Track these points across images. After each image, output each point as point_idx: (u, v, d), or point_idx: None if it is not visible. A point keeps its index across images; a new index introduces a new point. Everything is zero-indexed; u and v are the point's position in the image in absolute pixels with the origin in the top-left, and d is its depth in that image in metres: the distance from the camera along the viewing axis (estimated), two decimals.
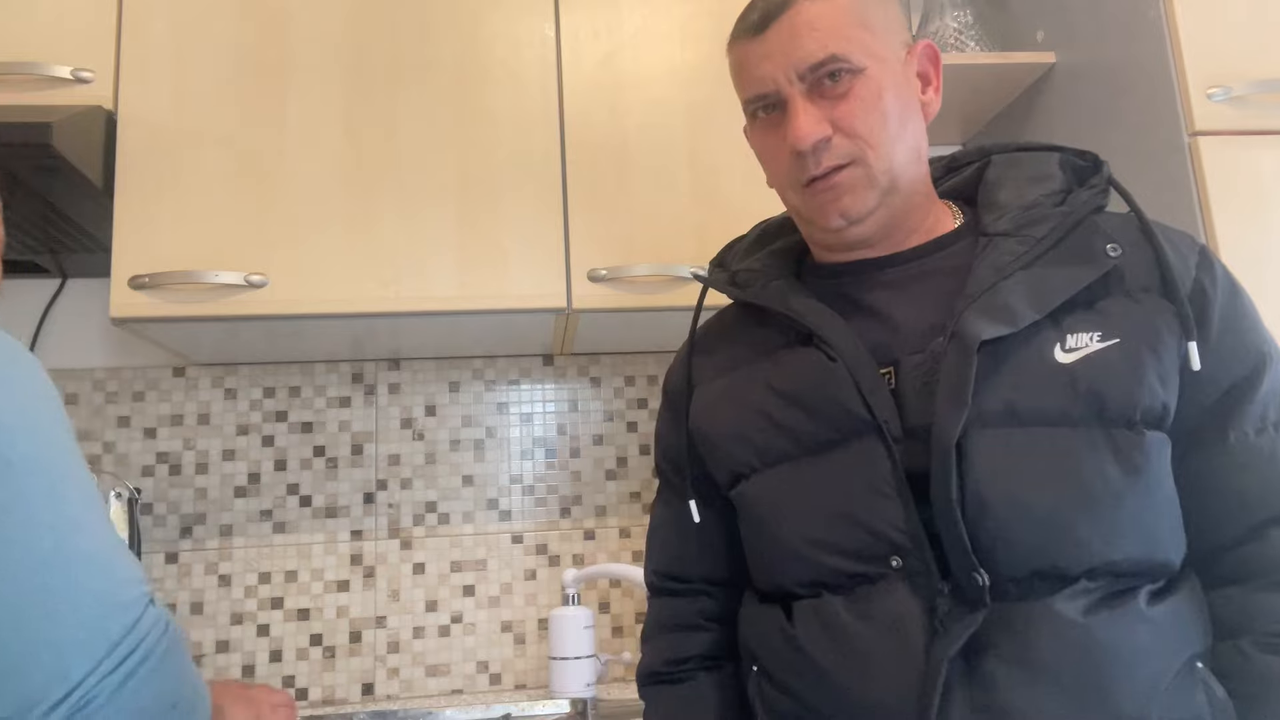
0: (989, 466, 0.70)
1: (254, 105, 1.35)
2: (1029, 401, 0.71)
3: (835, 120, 0.78)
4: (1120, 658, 0.67)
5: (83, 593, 0.65)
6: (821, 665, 0.75)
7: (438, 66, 1.40)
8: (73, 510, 0.67)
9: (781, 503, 0.81)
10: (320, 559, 1.60)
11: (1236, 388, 0.75)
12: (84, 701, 0.63)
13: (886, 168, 0.79)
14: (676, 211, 1.40)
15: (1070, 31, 1.54)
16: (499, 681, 1.61)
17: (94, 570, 0.66)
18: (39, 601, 0.64)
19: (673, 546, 0.96)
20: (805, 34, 0.78)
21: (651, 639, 0.96)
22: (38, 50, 1.32)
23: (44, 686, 0.63)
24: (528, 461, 1.68)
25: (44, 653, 0.63)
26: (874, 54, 0.79)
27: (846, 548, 0.75)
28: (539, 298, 1.35)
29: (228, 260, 1.29)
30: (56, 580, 0.65)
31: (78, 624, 0.64)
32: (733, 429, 0.85)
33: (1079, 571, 0.69)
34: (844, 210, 0.80)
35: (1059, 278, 0.74)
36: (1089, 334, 0.73)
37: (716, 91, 1.44)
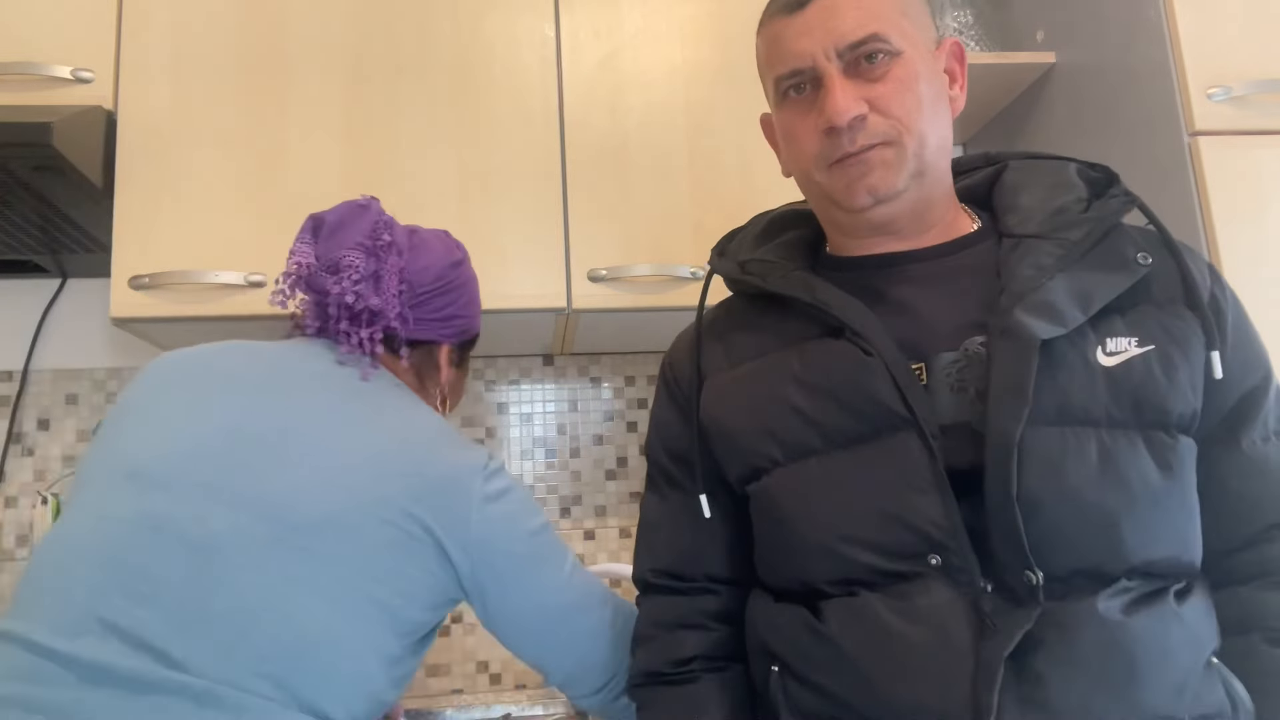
0: (1044, 464, 0.71)
1: (254, 105, 1.35)
2: (1078, 402, 0.73)
3: (872, 100, 0.78)
4: (1155, 655, 0.69)
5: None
6: (860, 664, 0.74)
7: (438, 66, 1.40)
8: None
9: (809, 498, 0.79)
10: None
11: (1248, 397, 0.79)
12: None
13: (919, 150, 0.79)
14: (676, 211, 1.40)
15: (1070, 31, 1.54)
16: (499, 681, 1.60)
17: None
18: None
19: (675, 543, 0.92)
20: (846, 11, 0.78)
21: (648, 639, 0.91)
22: (38, 50, 1.32)
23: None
24: (528, 461, 1.68)
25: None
26: (912, 40, 0.80)
27: (884, 544, 0.74)
28: (539, 298, 1.35)
29: (228, 260, 1.29)
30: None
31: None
32: (753, 421, 0.82)
33: (1120, 571, 0.70)
34: (872, 187, 0.79)
35: (1097, 282, 0.76)
36: (1127, 339, 0.75)
37: (716, 91, 1.44)
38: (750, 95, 1.44)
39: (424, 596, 0.86)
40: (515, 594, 0.91)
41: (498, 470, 0.92)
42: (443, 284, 1.03)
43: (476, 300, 1.10)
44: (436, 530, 0.86)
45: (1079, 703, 0.68)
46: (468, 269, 1.08)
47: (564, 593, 0.95)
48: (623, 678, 0.97)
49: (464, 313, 1.06)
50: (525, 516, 0.94)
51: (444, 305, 1.03)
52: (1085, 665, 0.68)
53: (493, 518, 0.89)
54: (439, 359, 1.05)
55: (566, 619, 0.95)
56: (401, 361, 1.01)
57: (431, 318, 1.02)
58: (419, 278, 1.01)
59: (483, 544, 0.88)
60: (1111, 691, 0.68)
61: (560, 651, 0.96)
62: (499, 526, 0.90)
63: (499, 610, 0.92)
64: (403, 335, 1.00)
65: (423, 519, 0.85)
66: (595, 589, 0.99)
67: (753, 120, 1.45)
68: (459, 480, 0.88)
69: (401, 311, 0.99)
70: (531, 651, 0.96)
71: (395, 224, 1.02)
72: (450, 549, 0.86)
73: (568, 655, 0.96)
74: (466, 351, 1.11)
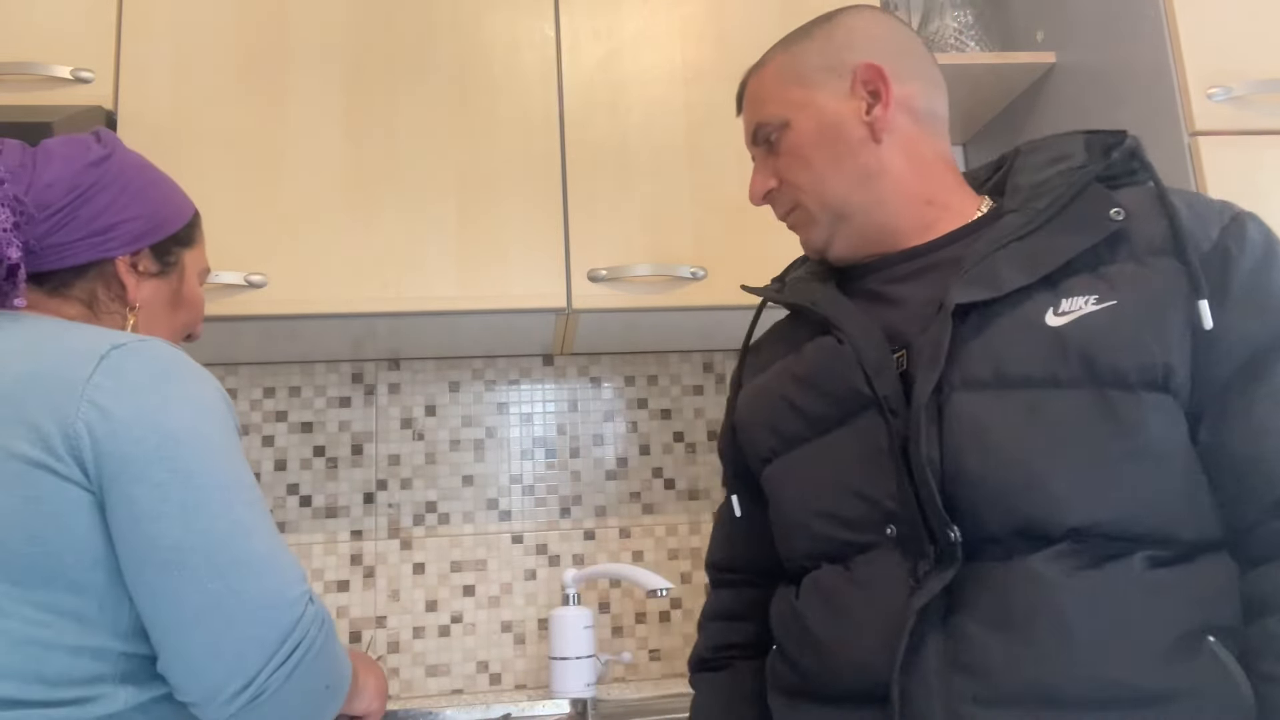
0: (966, 427, 0.73)
1: (254, 105, 1.35)
2: (1016, 365, 0.73)
3: (777, 172, 0.90)
4: (1103, 620, 0.67)
5: (257, 593, 0.74)
6: (815, 633, 0.80)
7: (438, 67, 1.40)
8: (245, 516, 0.76)
9: (796, 482, 0.86)
10: (320, 559, 1.60)
11: (1260, 356, 0.71)
12: (259, 691, 0.73)
13: (820, 204, 0.87)
14: (676, 211, 1.40)
15: (1070, 31, 1.54)
16: (499, 681, 1.61)
17: (265, 572, 0.75)
18: (220, 603, 0.73)
19: (721, 538, 1.02)
20: (748, 109, 0.92)
21: (703, 628, 1.01)
22: (38, 50, 1.32)
23: (226, 679, 0.72)
24: (528, 461, 1.68)
25: (226, 649, 0.73)
26: (798, 104, 0.87)
27: (846, 518, 0.79)
28: (539, 298, 1.35)
29: (228, 260, 1.29)
30: (234, 583, 0.74)
31: (253, 622, 0.73)
32: (761, 416, 0.90)
33: (1061, 531, 0.69)
34: (805, 244, 0.92)
35: (1055, 244, 0.76)
36: (1085, 297, 0.74)
37: (716, 91, 1.44)
38: None
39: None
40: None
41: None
42: (81, 191, 0.86)
43: (147, 192, 0.92)
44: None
45: (1004, 664, 0.68)
46: (118, 162, 0.90)
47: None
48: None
49: (129, 213, 0.89)
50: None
51: (95, 214, 0.86)
52: (1015, 625, 0.68)
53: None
54: (118, 275, 0.88)
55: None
56: (63, 296, 0.86)
57: (81, 235, 0.85)
58: (44, 196, 0.83)
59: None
60: (1040, 654, 0.67)
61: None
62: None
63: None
64: (46, 268, 0.84)
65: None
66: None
67: None
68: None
69: (28, 243, 0.82)
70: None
71: (4, 145, 0.86)
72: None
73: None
74: (168, 252, 0.93)
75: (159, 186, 0.94)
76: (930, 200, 0.86)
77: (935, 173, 0.87)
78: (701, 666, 0.99)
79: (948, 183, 0.88)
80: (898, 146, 0.86)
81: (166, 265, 0.93)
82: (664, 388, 1.73)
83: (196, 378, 0.80)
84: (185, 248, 0.96)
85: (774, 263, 1.41)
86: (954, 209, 0.87)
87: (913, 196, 0.87)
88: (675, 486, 1.70)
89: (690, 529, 1.69)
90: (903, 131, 0.86)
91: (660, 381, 1.73)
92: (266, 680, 0.73)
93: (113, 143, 0.92)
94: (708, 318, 1.48)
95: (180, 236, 0.95)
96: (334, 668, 0.80)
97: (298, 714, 0.77)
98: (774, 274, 1.04)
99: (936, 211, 0.86)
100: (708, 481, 1.71)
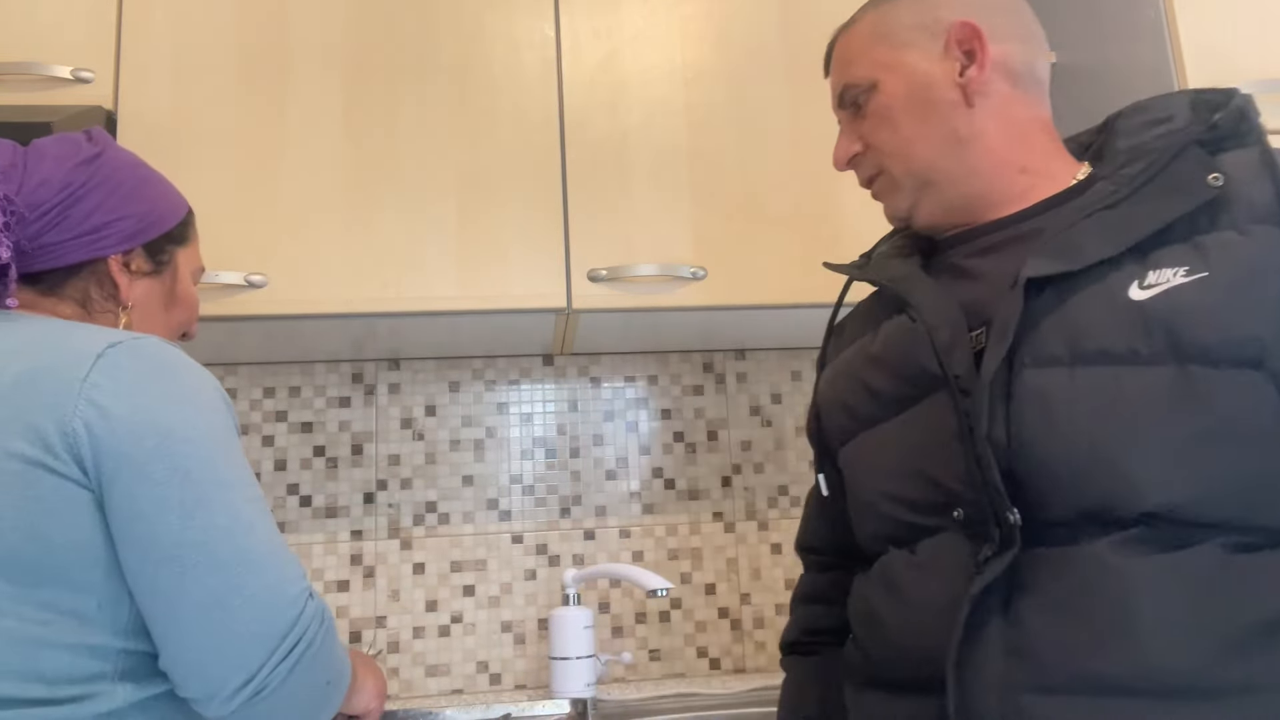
0: (1034, 405, 0.70)
1: (254, 105, 1.35)
2: (1092, 341, 0.69)
3: (863, 136, 0.87)
4: (1173, 608, 0.63)
5: (258, 589, 0.74)
6: (880, 618, 0.78)
7: (438, 66, 1.40)
8: (245, 512, 0.76)
9: (867, 463, 0.84)
10: (320, 559, 1.60)
11: None
12: (261, 686, 0.73)
13: (906, 170, 0.84)
14: (676, 211, 1.40)
15: (1070, 31, 1.54)
16: (499, 681, 1.61)
17: (266, 568, 0.75)
18: (221, 600, 0.73)
19: (810, 519, 1.01)
20: (835, 70, 0.90)
21: (793, 609, 1.01)
22: (38, 50, 1.32)
23: (227, 675, 0.73)
24: (528, 461, 1.68)
25: (227, 645, 0.73)
26: (887, 65, 0.84)
27: (914, 500, 0.77)
28: (539, 298, 1.35)
29: (228, 260, 1.29)
30: (235, 580, 0.74)
31: (254, 618, 0.74)
32: (838, 397, 0.89)
33: (1133, 516, 0.65)
34: (889, 212, 0.88)
35: (1144, 213, 0.71)
36: (1174, 269, 0.69)
37: (716, 91, 1.44)
38: (750, 95, 1.44)
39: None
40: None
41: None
42: (73, 191, 0.86)
43: (139, 190, 0.91)
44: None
45: (1063, 651, 0.65)
46: (110, 160, 0.89)
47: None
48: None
49: (121, 212, 0.89)
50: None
51: (87, 214, 0.86)
52: (1073, 612, 0.65)
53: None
54: (110, 274, 0.88)
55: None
56: (56, 296, 0.86)
57: (73, 235, 0.85)
58: (36, 196, 0.83)
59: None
60: (1102, 642, 0.64)
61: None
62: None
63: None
64: (39, 268, 0.84)
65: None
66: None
67: (753, 120, 1.45)
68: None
69: (19, 243, 0.82)
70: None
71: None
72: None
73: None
74: (161, 251, 0.93)
75: (151, 185, 0.93)
76: (1024, 168, 0.82)
77: (1031, 138, 0.83)
78: (792, 650, 0.99)
79: (1045, 149, 0.83)
80: (992, 111, 0.82)
81: (160, 264, 0.93)
82: (664, 388, 1.73)
83: (194, 375, 0.80)
84: (179, 246, 0.96)
85: (774, 263, 1.41)
86: (1050, 176, 0.82)
87: (1005, 164, 0.82)
88: (675, 486, 1.70)
89: (690, 529, 1.69)
90: (998, 95, 0.82)
91: (660, 381, 1.73)
92: (268, 676, 0.73)
93: (104, 141, 0.91)
94: (708, 318, 1.48)
95: (173, 235, 0.94)
96: (334, 664, 0.80)
97: (299, 709, 0.77)
98: (774, 274, 1.03)
99: (1030, 179, 0.82)
100: (708, 481, 1.71)
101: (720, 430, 1.73)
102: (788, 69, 1.46)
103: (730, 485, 1.72)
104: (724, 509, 1.71)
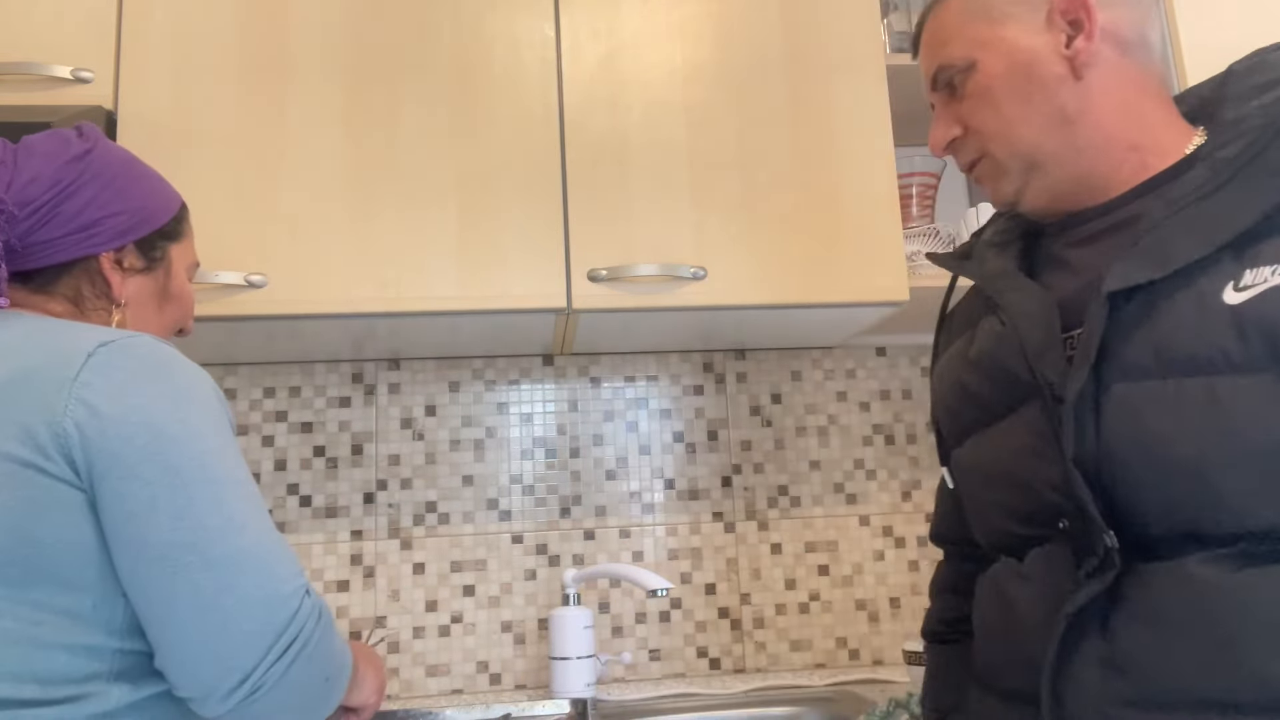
0: (1124, 421, 0.67)
1: (254, 105, 1.35)
2: (1182, 350, 0.65)
3: (962, 119, 0.82)
4: (1268, 619, 0.61)
5: (251, 589, 0.74)
6: (991, 626, 0.79)
7: (438, 66, 1.40)
8: (237, 511, 0.75)
9: (973, 470, 0.83)
10: (320, 559, 1.60)
11: None
12: (256, 685, 0.73)
13: (1011, 152, 0.80)
14: (676, 211, 1.40)
15: None
16: (499, 681, 1.60)
17: (259, 567, 0.75)
18: (213, 600, 0.73)
19: (941, 510, 1.01)
20: (927, 51, 0.85)
21: (933, 597, 1.02)
22: (38, 50, 1.32)
23: (222, 675, 0.72)
24: (528, 461, 1.68)
25: (221, 645, 0.72)
26: (985, 43, 0.79)
27: (1020, 511, 0.76)
28: (539, 298, 1.35)
29: (228, 260, 1.29)
30: (227, 579, 0.73)
31: (248, 617, 0.73)
32: (944, 399, 0.88)
33: (1233, 534, 0.63)
34: (994, 197, 0.84)
35: (1238, 205, 0.66)
36: (1273, 266, 0.63)
37: (716, 91, 1.44)
38: (750, 95, 1.44)
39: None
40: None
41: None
42: (63, 188, 0.85)
43: (131, 186, 0.90)
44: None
45: (1160, 666, 0.64)
46: (101, 156, 0.88)
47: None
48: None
49: (113, 208, 0.88)
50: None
51: (77, 211, 0.85)
52: (1170, 626, 0.64)
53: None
54: (102, 272, 0.87)
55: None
56: (48, 293, 0.86)
57: (64, 233, 0.84)
58: (26, 194, 0.82)
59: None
60: (1199, 656, 0.62)
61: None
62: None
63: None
64: (30, 266, 0.83)
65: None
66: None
67: (753, 120, 1.45)
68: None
69: (9, 241, 0.81)
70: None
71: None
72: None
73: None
74: (154, 247, 0.92)
75: (143, 180, 0.92)
76: (1135, 145, 0.77)
77: (1145, 111, 0.77)
78: (934, 638, 0.99)
79: (1157, 120, 0.77)
80: (1102, 83, 0.76)
81: (152, 261, 0.92)
82: (664, 388, 1.73)
83: (186, 373, 0.79)
84: (172, 242, 0.94)
85: (774, 263, 1.41)
86: (1161, 151, 0.76)
87: (1115, 141, 0.77)
88: (675, 486, 1.70)
89: (690, 529, 1.69)
90: (1108, 65, 0.76)
91: (660, 381, 1.73)
92: (264, 675, 0.73)
93: (95, 137, 0.90)
94: (708, 318, 1.48)
95: (166, 231, 0.93)
96: (333, 660, 0.80)
97: (296, 707, 0.77)
98: (774, 273, 1.01)
99: (1141, 157, 0.76)
100: (708, 481, 1.71)
101: (720, 430, 1.73)
102: (788, 69, 1.46)
103: (730, 485, 1.72)
104: (724, 509, 1.71)
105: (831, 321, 1.52)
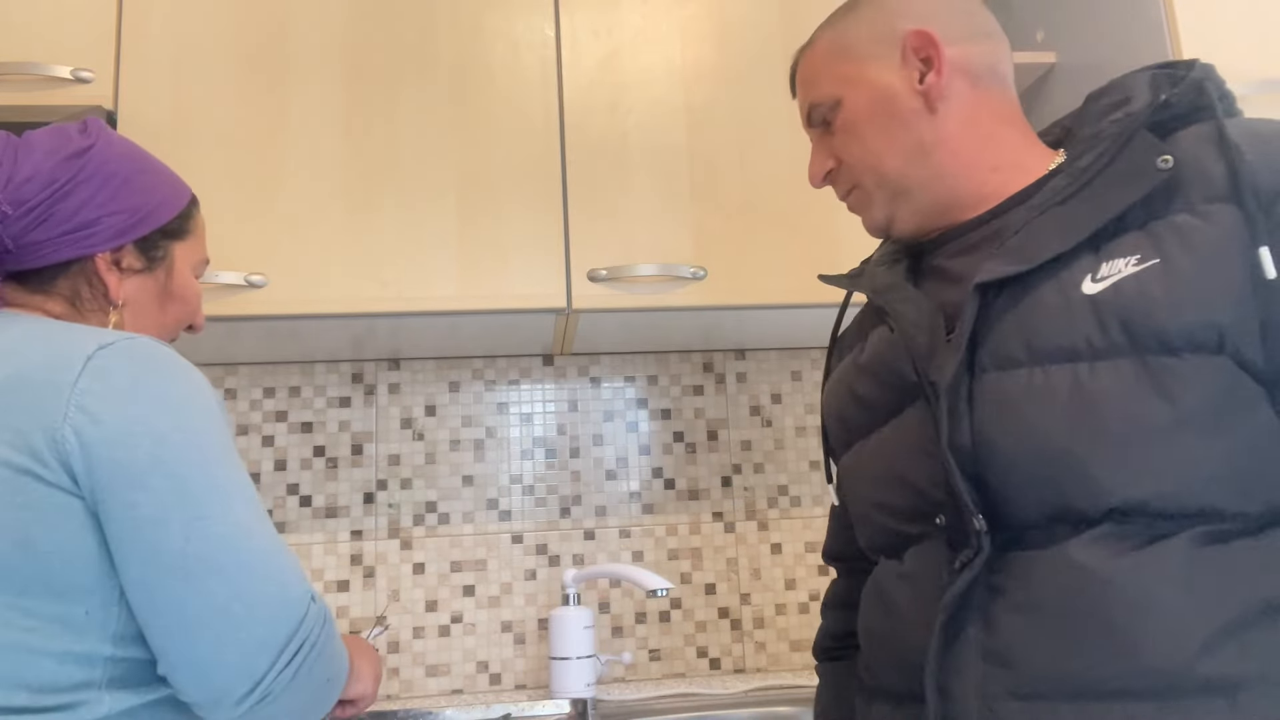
0: (995, 409, 0.70)
1: (254, 105, 1.35)
2: (1047, 340, 0.69)
3: (834, 152, 0.87)
4: (1145, 604, 0.62)
5: (259, 596, 0.74)
6: (874, 629, 0.81)
7: (438, 66, 1.40)
8: (244, 518, 0.75)
9: (859, 473, 0.85)
10: (320, 559, 1.60)
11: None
12: (266, 692, 0.73)
13: (878, 182, 0.84)
14: (676, 211, 1.40)
15: (1070, 31, 1.54)
16: (499, 681, 1.61)
17: (266, 573, 0.75)
18: (222, 607, 0.72)
19: (831, 527, 1.03)
20: (800, 89, 0.90)
21: (823, 614, 1.03)
22: (38, 50, 1.32)
23: (232, 682, 0.72)
24: (528, 461, 1.68)
25: (230, 653, 0.72)
26: (849, 81, 0.85)
27: (899, 508, 0.78)
28: (539, 298, 1.35)
29: (227, 260, 1.29)
30: (238, 587, 0.73)
31: (258, 624, 0.73)
32: (833, 408, 0.91)
33: (1100, 513, 0.65)
34: (867, 225, 0.88)
35: (1093, 205, 0.70)
36: (1126, 258, 0.68)
37: (716, 91, 1.44)
38: (750, 95, 1.44)
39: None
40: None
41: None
42: (61, 185, 0.82)
43: (132, 184, 0.88)
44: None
45: (1039, 655, 0.65)
46: (101, 153, 0.86)
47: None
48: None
49: (111, 207, 0.85)
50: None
51: (74, 210, 0.83)
52: (1047, 613, 0.65)
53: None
54: (98, 273, 0.85)
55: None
56: (45, 294, 0.84)
57: (60, 233, 0.82)
58: (21, 192, 0.80)
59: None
60: (1076, 644, 0.64)
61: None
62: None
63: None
64: (26, 266, 0.82)
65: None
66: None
67: (753, 120, 1.45)
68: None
69: (2, 241, 0.80)
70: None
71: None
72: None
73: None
74: (155, 246, 0.90)
75: (147, 176, 0.89)
76: (996, 167, 0.81)
77: (1000, 136, 0.82)
78: (825, 655, 1.01)
79: (1015, 144, 0.82)
80: (955, 114, 0.81)
81: (153, 260, 0.90)
82: (664, 388, 1.73)
83: (186, 377, 0.78)
84: (175, 240, 0.92)
85: (774, 263, 1.41)
86: (1023, 170, 0.81)
87: (975, 166, 0.81)
88: (675, 486, 1.70)
89: (690, 529, 1.69)
90: (960, 97, 0.81)
91: (660, 381, 1.73)
92: (273, 682, 0.73)
93: (98, 132, 0.88)
94: (708, 318, 1.48)
95: (169, 229, 0.91)
96: (335, 662, 0.80)
97: (300, 709, 0.77)
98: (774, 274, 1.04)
99: (1003, 176, 0.81)
100: (708, 481, 1.71)
101: (720, 430, 1.73)
102: (787, 69, 1.46)
103: (730, 485, 1.72)
104: (724, 509, 1.71)
105: (831, 321, 1.52)
